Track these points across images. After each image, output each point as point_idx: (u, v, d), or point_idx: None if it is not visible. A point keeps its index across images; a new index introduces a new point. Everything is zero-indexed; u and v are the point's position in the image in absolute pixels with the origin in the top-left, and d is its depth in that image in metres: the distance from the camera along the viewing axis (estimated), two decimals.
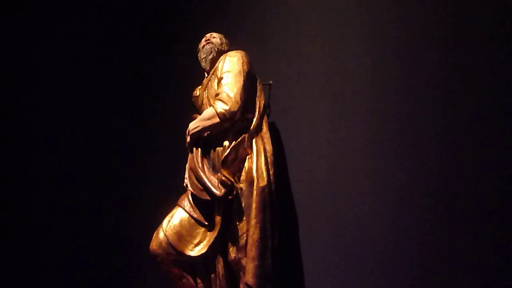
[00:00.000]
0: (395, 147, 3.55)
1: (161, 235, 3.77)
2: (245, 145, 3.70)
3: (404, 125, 3.52)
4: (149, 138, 5.04)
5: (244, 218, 3.62)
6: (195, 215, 3.74)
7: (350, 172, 3.78)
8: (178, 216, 3.79)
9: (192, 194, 3.76)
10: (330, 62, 3.93)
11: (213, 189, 3.60)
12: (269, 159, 3.72)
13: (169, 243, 3.74)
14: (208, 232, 3.71)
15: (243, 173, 3.67)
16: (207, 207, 3.71)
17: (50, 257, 5.31)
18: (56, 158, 5.38)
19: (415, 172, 3.44)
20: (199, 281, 3.80)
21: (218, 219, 3.66)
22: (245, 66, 3.76)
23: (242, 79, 3.71)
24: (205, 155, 3.77)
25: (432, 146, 3.38)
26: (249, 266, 3.58)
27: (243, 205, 3.62)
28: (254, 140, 3.73)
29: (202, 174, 3.67)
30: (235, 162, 3.66)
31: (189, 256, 3.72)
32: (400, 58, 3.55)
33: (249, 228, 3.59)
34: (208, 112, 3.74)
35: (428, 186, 3.39)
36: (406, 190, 3.48)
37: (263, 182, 3.62)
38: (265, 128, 3.81)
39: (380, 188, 3.60)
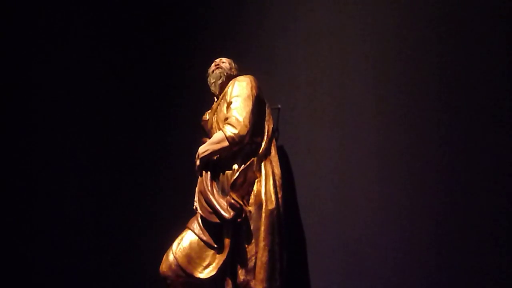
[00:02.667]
0: (403, 170, 3.53)
1: (171, 257, 3.77)
2: (254, 169, 3.69)
3: (412, 151, 3.50)
4: (159, 161, 5.04)
5: (253, 240, 3.61)
6: (204, 238, 3.73)
7: (358, 195, 3.76)
8: (187, 238, 3.78)
9: (201, 216, 3.75)
10: (338, 87, 3.92)
11: (222, 212, 3.60)
12: (277, 182, 3.71)
13: (178, 265, 3.73)
14: (217, 255, 3.69)
15: (252, 196, 3.67)
16: (217, 230, 3.70)
17: (59, 280, 5.26)
18: (66, 183, 5.36)
19: (422, 196, 3.43)
20: None
21: (227, 241, 3.64)
22: (254, 91, 3.77)
23: (251, 103, 3.72)
24: (214, 178, 3.77)
25: (440, 170, 3.36)
26: None
27: (252, 227, 3.61)
28: (262, 164, 3.72)
29: (211, 197, 3.67)
30: (244, 185, 3.66)
31: (199, 278, 3.70)
32: (408, 85, 3.54)
33: (258, 251, 3.58)
34: (217, 135, 3.74)
35: (433, 209, 3.37)
36: (413, 213, 3.45)
37: (272, 205, 3.63)
38: (273, 151, 3.80)
39: (388, 211, 3.57)
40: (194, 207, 3.81)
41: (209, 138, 3.85)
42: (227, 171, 3.74)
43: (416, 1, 3.54)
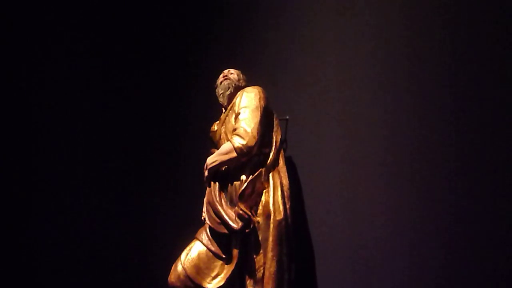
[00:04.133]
0: (412, 180, 3.51)
1: (179, 268, 3.75)
2: (262, 179, 3.67)
3: (422, 160, 3.48)
4: (168, 172, 5.00)
5: (261, 251, 3.59)
6: (212, 248, 3.72)
7: (366, 205, 3.74)
8: (196, 249, 3.77)
9: (209, 227, 3.74)
10: (346, 98, 3.90)
11: (231, 223, 3.58)
12: (285, 193, 3.69)
13: (187, 276, 3.71)
14: (226, 265, 3.68)
15: (260, 207, 3.65)
16: (225, 240, 3.69)
17: None
18: (75, 190, 5.37)
19: (432, 205, 3.41)
20: None
21: (235, 252, 3.63)
22: (262, 102, 3.75)
23: (259, 114, 3.70)
24: (222, 189, 3.75)
25: (450, 178, 3.35)
26: None
27: (260, 238, 3.59)
28: (271, 174, 3.70)
29: (219, 207, 3.66)
30: (252, 196, 3.63)
31: None
32: (419, 94, 3.52)
33: (266, 261, 3.56)
34: (225, 146, 3.72)
35: (443, 218, 3.36)
36: (422, 224, 3.45)
37: (280, 216, 3.61)
38: (281, 162, 3.77)
39: (397, 222, 3.56)
40: (203, 217, 3.80)
41: (218, 149, 3.83)
42: (235, 182, 3.72)
43: (427, 7, 3.53)
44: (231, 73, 4.02)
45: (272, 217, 3.61)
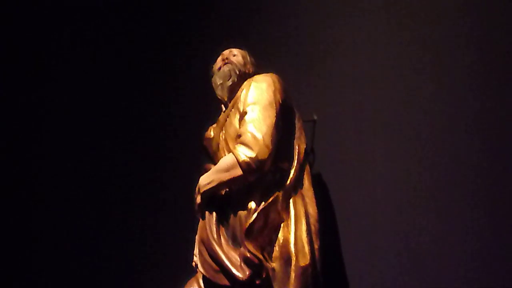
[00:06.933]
0: (474, 207, 3.12)
1: None
2: (279, 208, 3.17)
3: (482, 179, 3.10)
4: (144, 198, 4.57)
5: None
6: None
7: (428, 243, 3.21)
8: None
9: (204, 277, 3.24)
10: (397, 93, 3.49)
11: (234, 271, 3.08)
12: (313, 227, 3.21)
13: None
14: None
15: (277, 248, 3.14)
16: None
17: None
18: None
19: (493, 236, 3.04)
20: None
21: None
22: (279, 95, 3.26)
23: (274, 114, 3.22)
24: (222, 221, 3.28)
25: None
26: None
27: None
28: (291, 200, 3.22)
29: (217, 248, 3.17)
30: (264, 232, 3.14)
31: None
32: (486, 95, 3.16)
33: None
34: (226, 160, 3.24)
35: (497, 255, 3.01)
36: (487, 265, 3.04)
37: (305, 261, 3.11)
38: (307, 182, 3.30)
39: (469, 271, 3.06)
40: (193, 263, 3.34)
41: (215, 163, 3.38)
42: (240, 212, 3.21)
43: None
44: (234, 55, 3.57)
45: (293, 262, 3.11)
